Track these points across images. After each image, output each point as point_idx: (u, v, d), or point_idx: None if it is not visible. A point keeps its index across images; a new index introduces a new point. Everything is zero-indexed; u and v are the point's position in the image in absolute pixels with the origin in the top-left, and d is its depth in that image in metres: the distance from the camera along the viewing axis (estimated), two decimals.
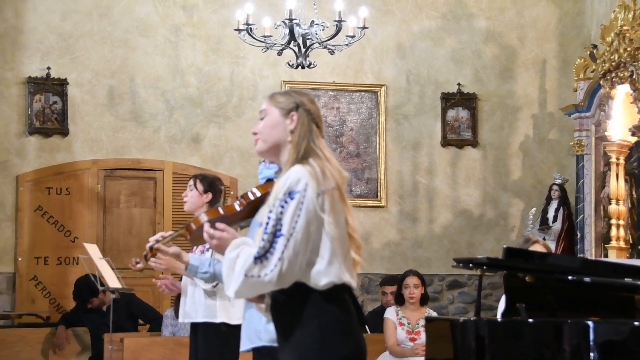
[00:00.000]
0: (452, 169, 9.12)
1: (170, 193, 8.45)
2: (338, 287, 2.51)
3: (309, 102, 2.70)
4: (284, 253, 2.45)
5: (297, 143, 2.61)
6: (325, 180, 2.54)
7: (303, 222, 2.48)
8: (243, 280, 2.46)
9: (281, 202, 2.49)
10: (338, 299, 2.51)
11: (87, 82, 8.46)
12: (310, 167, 2.54)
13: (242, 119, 8.68)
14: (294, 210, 2.48)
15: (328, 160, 2.60)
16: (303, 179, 2.51)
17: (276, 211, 2.48)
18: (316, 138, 2.63)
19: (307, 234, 2.48)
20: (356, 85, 8.96)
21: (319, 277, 2.50)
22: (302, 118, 2.65)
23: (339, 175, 2.60)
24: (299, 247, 2.47)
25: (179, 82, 8.65)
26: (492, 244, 8.98)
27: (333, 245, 2.52)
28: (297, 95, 2.71)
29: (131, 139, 8.52)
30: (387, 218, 8.96)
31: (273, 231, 2.47)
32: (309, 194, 2.49)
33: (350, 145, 8.92)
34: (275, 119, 2.67)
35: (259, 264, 2.45)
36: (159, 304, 8.16)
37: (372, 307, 8.22)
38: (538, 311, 3.81)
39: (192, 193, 4.67)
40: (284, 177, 2.55)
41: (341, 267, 2.52)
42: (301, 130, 2.63)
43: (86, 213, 8.29)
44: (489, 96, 9.21)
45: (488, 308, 8.75)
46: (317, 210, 2.49)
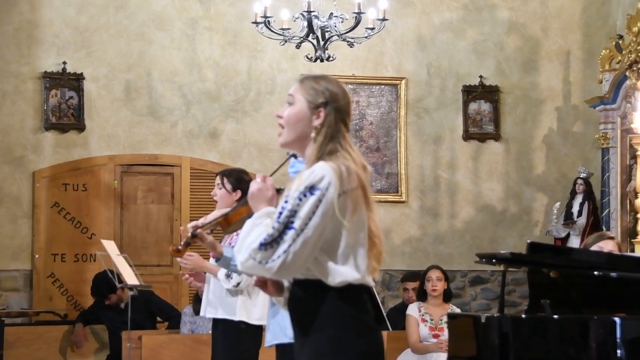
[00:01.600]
0: (474, 163, 9.09)
1: (188, 189, 8.47)
2: (355, 287, 2.51)
3: (341, 97, 2.62)
4: (291, 247, 2.44)
5: (321, 143, 2.56)
6: (349, 179, 2.50)
7: (317, 220, 2.45)
8: (246, 257, 2.48)
9: (300, 194, 2.46)
10: (355, 298, 2.51)
11: (104, 76, 8.50)
12: (336, 164, 2.50)
13: (260, 113, 8.70)
14: (311, 206, 2.45)
15: (353, 158, 2.56)
16: (327, 176, 2.47)
17: (293, 202, 2.46)
18: (342, 137, 2.58)
19: (319, 233, 2.46)
20: (376, 79, 8.94)
21: (335, 275, 2.50)
22: (330, 117, 2.58)
23: (363, 172, 2.57)
24: (307, 245, 2.45)
25: (196, 76, 8.67)
26: (515, 239, 8.95)
27: (350, 246, 2.51)
28: (329, 86, 2.62)
29: (148, 134, 8.56)
30: (408, 213, 8.95)
31: (285, 222, 2.45)
32: (330, 193, 2.46)
33: (370, 139, 8.92)
34: (302, 111, 2.61)
35: (263, 251, 2.45)
36: (177, 301, 8.20)
37: (393, 303, 8.22)
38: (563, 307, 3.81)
39: (221, 192, 4.66)
40: (308, 171, 2.51)
41: (359, 268, 2.51)
42: (327, 131, 2.57)
43: (103, 209, 8.33)
44: (511, 89, 9.17)
45: (511, 304, 8.73)
46: (336, 212, 2.47)
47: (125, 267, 6.46)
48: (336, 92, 2.61)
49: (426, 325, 6.36)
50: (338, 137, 2.58)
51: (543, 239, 8.61)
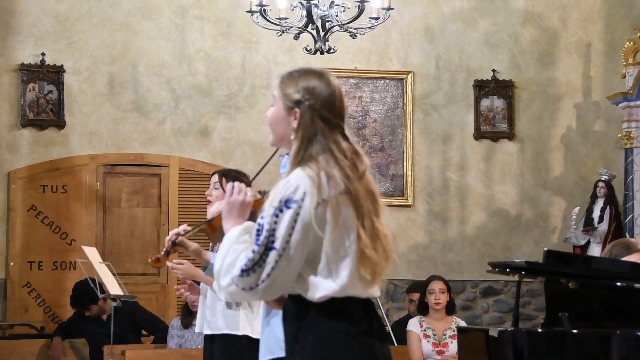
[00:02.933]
0: (486, 164, 9.09)
1: (177, 191, 8.47)
2: (340, 300, 2.52)
3: (321, 91, 2.59)
4: (275, 270, 2.47)
5: (297, 148, 2.56)
6: (330, 186, 2.49)
7: (298, 237, 2.47)
8: (228, 283, 2.51)
9: (276, 210, 2.48)
10: (340, 312, 2.52)
11: (85, 69, 8.49)
12: (313, 171, 2.50)
13: (254, 109, 8.70)
14: (288, 222, 2.46)
15: (337, 159, 2.53)
16: (302, 186, 2.48)
17: (270, 220, 2.48)
18: (325, 137, 2.56)
19: (302, 249, 2.48)
20: (380, 72, 8.94)
21: (314, 290, 2.51)
22: (305, 117, 2.56)
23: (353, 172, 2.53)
24: (292, 264, 2.48)
25: (185, 69, 8.67)
26: (531, 247, 8.95)
27: (333, 258, 2.51)
28: (305, 81, 2.60)
29: (133, 132, 8.56)
30: (415, 218, 8.95)
31: (265, 243, 2.47)
32: (306, 204, 2.47)
33: (373, 138, 8.91)
34: (279, 111, 2.62)
35: (246, 277, 2.48)
36: (164, 313, 8.19)
37: (398, 316, 8.22)
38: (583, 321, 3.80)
39: (217, 192, 4.64)
40: (283, 181, 2.52)
41: (342, 281, 2.51)
42: (303, 134, 2.56)
43: (84, 213, 8.32)
44: (527, 84, 9.17)
45: (527, 318, 8.73)
46: (313, 225, 2.47)
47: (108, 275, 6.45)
48: (313, 87, 2.59)
49: (429, 341, 6.35)
50: (318, 138, 2.56)
51: (561, 246, 8.60)
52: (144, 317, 7.42)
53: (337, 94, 2.62)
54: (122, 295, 6.42)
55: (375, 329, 2.57)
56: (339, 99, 2.62)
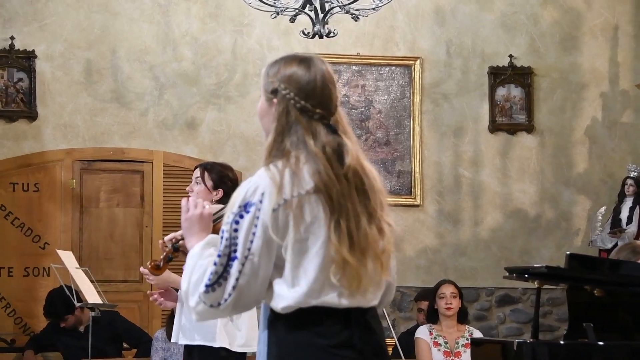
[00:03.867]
0: (502, 160, 9.10)
1: (161, 189, 8.47)
2: (307, 310, 2.52)
3: (298, 78, 2.58)
4: (239, 280, 2.48)
5: (272, 141, 2.57)
6: (294, 184, 2.48)
7: (260, 242, 2.48)
8: (196, 302, 2.53)
9: (236, 216, 2.49)
10: (307, 323, 2.52)
11: (59, 55, 8.49)
12: (277, 169, 2.50)
13: (246, 99, 8.70)
14: (248, 227, 2.48)
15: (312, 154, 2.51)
16: (260, 187, 2.49)
17: (230, 228, 2.49)
18: (304, 130, 2.53)
19: (267, 255, 2.49)
20: (385, 59, 8.95)
21: (278, 299, 2.53)
22: (280, 107, 2.58)
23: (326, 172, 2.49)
24: (257, 272, 2.49)
25: (170, 55, 8.67)
26: (552, 250, 8.96)
27: (297, 265, 2.50)
28: (283, 67, 2.61)
29: (113, 125, 8.56)
30: (423, 219, 8.95)
31: (227, 252, 2.49)
32: (265, 206, 2.47)
33: (378, 131, 8.92)
34: (263, 105, 2.65)
35: (211, 292, 2.50)
36: (147, 324, 8.19)
37: (406, 327, 8.22)
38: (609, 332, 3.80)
39: (199, 188, 4.66)
40: (244, 183, 2.54)
41: (304, 288, 2.50)
42: (277, 125, 2.56)
43: (59, 214, 8.33)
44: (547, 71, 9.17)
45: (547, 329, 8.74)
46: (269, 228, 2.47)
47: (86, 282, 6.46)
48: (290, 74, 2.59)
49: (440, 350, 6.36)
50: (293, 131, 2.55)
51: (585, 250, 8.61)
52: (125, 328, 7.43)
53: (319, 80, 2.59)
54: (101, 304, 6.43)
55: (356, 341, 2.54)
56: (320, 85, 2.59)
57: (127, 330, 7.45)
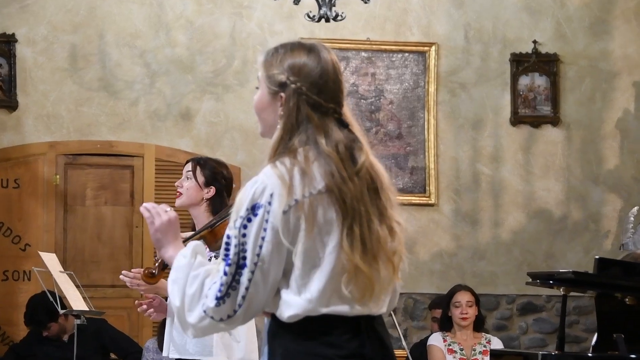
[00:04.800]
0: (524, 155, 9.10)
1: (153, 186, 8.48)
2: (315, 319, 2.55)
3: (309, 69, 2.61)
4: (249, 289, 2.51)
5: (279, 138, 2.59)
6: (304, 184, 2.51)
7: (270, 246, 2.50)
8: (200, 317, 2.55)
9: (244, 220, 2.51)
10: (314, 332, 2.55)
11: (42, 39, 8.51)
12: (284, 167, 2.53)
13: (246, 88, 8.70)
14: (257, 231, 2.50)
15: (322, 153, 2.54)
16: (269, 187, 2.51)
17: (237, 233, 2.51)
18: (313, 126, 2.56)
19: (277, 260, 2.52)
20: (398, 44, 8.95)
21: (285, 308, 2.56)
22: (290, 102, 2.59)
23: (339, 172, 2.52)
24: (267, 278, 2.52)
25: (163, 39, 8.68)
26: (579, 254, 8.97)
27: (307, 270, 2.54)
28: (290, 57, 2.63)
29: (100, 115, 8.57)
30: (439, 220, 8.96)
31: (236, 260, 2.51)
32: (274, 208, 2.50)
33: (389, 123, 8.92)
34: (264, 98, 2.65)
35: (222, 305, 2.52)
36: (137, 333, 8.21)
37: (419, 337, 8.24)
38: None
39: (189, 184, 4.67)
40: (250, 183, 2.56)
41: (313, 295, 2.54)
42: (287, 121, 2.59)
43: (41, 212, 8.34)
44: (575, 58, 9.17)
45: (574, 340, 8.74)
46: (279, 231, 2.50)
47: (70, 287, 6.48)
48: (300, 66, 2.62)
49: (455, 357, 6.39)
50: (304, 127, 2.58)
51: (616, 254, 8.61)
52: (113, 337, 7.44)
53: (331, 71, 2.63)
54: (88, 311, 6.45)
55: (366, 351, 2.58)
56: (332, 77, 2.63)
57: (115, 339, 7.46)
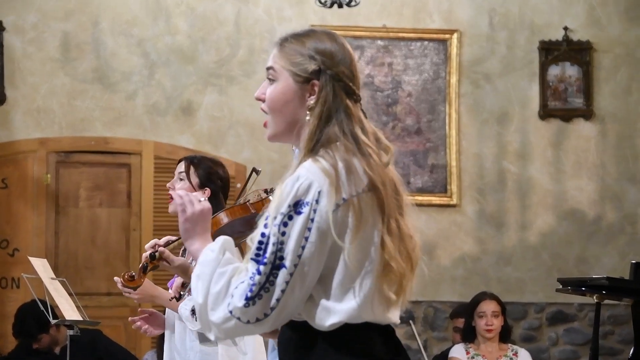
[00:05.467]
0: (554, 152, 9.08)
1: (151, 186, 8.50)
2: (354, 327, 2.54)
3: (340, 55, 2.63)
4: (286, 293, 2.49)
5: (314, 130, 2.59)
6: (351, 181, 2.52)
7: (313, 248, 2.49)
8: (225, 317, 2.52)
9: (284, 217, 2.50)
10: (355, 342, 2.54)
11: (32, 27, 8.51)
12: (328, 163, 2.53)
13: (252, 79, 8.70)
14: (300, 231, 2.49)
15: (360, 146, 2.56)
16: (316, 183, 2.50)
17: (276, 231, 2.50)
18: (346, 116, 2.60)
19: (317, 264, 2.51)
20: (417, 32, 8.94)
21: (326, 315, 2.54)
22: (327, 89, 2.60)
23: (379, 163, 2.56)
24: (304, 282, 2.51)
25: (162, 27, 8.68)
26: (615, 259, 8.94)
27: (353, 275, 2.53)
28: (319, 43, 2.64)
29: (95, 110, 8.58)
30: (461, 222, 8.94)
31: (272, 260, 2.49)
32: (322, 206, 2.49)
33: (407, 117, 8.91)
34: (288, 87, 2.63)
35: (252, 306, 2.49)
36: (134, 344, 8.23)
37: (440, 349, 8.22)
38: None
39: (182, 185, 4.65)
40: (291, 179, 2.54)
41: (362, 303, 2.54)
42: (321, 110, 2.60)
43: (31, 215, 8.36)
44: (610, 45, 9.14)
45: (608, 352, 8.72)
46: (332, 232, 2.49)
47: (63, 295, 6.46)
48: (331, 51, 2.64)
49: None
50: (339, 117, 2.60)
51: None
52: (109, 349, 7.44)
53: (354, 57, 2.68)
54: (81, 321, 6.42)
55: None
56: (355, 64, 2.67)
57: (111, 352, 7.45)
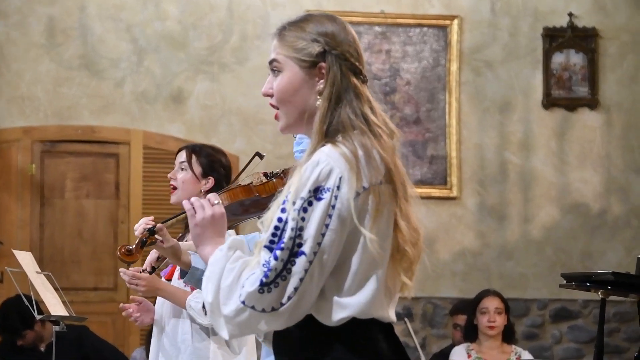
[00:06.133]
0: (558, 142, 9.09)
1: (140, 176, 8.49)
2: (360, 322, 2.54)
3: (343, 35, 2.66)
4: (304, 280, 2.47)
5: (325, 112, 2.60)
6: (370, 169, 2.53)
7: (333, 236, 2.49)
8: (238, 308, 2.50)
9: (304, 202, 2.49)
10: (357, 338, 2.54)
11: (15, 11, 8.51)
12: (347, 148, 2.53)
13: (244, 67, 8.70)
14: (321, 217, 2.48)
15: (372, 127, 2.58)
16: (336, 169, 2.51)
17: (295, 216, 2.49)
18: (356, 96, 2.62)
19: (336, 253, 2.51)
20: (415, 18, 8.94)
21: (335, 309, 2.54)
22: (334, 69, 2.62)
23: (390, 149, 2.58)
24: (323, 271, 2.50)
25: (151, 12, 8.67)
26: (620, 253, 8.95)
27: (367, 267, 2.54)
28: (320, 26, 2.66)
29: (81, 97, 8.57)
30: (461, 215, 8.95)
31: (290, 246, 2.48)
32: (343, 193, 2.50)
33: (406, 106, 8.91)
34: (295, 77, 2.65)
35: (267, 293, 2.47)
36: (122, 341, 8.23)
37: (439, 347, 8.24)
38: None
39: (184, 175, 4.65)
40: (309, 164, 2.53)
41: (372, 297, 2.54)
42: (332, 90, 2.61)
43: (15, 206, 8.36)
44: (616, 32, 9.15)
45: (614, 350, 8.73)
46: (354, 219, 2.50)
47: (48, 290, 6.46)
48: (333, 31, 2.66)
49: None
50: (349, 97, 2.62)
51: None
52: (95, 346, 7.43)
53: (357, 39, 2.70)
54: (67, 317, 6.43)
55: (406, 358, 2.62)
56: (360, 47, 2.69)
57: (98, 349, 7.45)
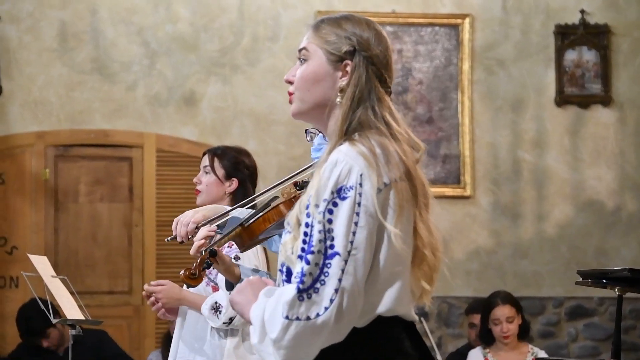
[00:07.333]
0: (572, 140, 9.08)
1: (153, 180, 8.49)
2: (385, 320, 2.57)
3: (376, 42, 2.70)
4: (343, 281, 2.46)
5: (347, 111, 2.64)
6: (389, 166, 2.56)
7: (365, 232, 2.50)
8: (283, 325, 2.47)
9: (328, 204, 2.50)
10: (382, 336, 2.56)
11: (28, 15, 8.52)
12: (365, 146, 2.56)
13: (256, 68, 8.70)
14: (348, 215, 2.49)
15: (393, 132, 2.62)
16: (355, 167, 2.53)
17: (321, 218, 2.49)
18: (378, 100, 2.66)
19: (370, 249, 2.51)
20: (427, 17, 8.94)
21: (363, 309, 2.55)
22: (359, 71, 2.67)
23: (411, 153, 2.62)
24: (361, 270, 2.49)
25: (163, 15, 8.68)
26: (635, 250, 8.94)
27: (392, 263, 2.56)
28: (356, 28, 2.71)
29: (94, 101, 8.59)
30: (475, 214, 8.96)
31: (320, 248, 2.48)
32: (366, 189, 2.51)
33: (418, 106, 8.92)
34: (321, 67, 2.70)
35: (306, 300, 2.46)
36: (138, 344, 8.25)
37: (455, 346, 8.25)
38: None
39: (208, 179, 4.70)
40: (327, 164, 2.55)
41: (398, 293, 2.57)
42: (353, 91, 2.65)
43: (29, 211, 8.37)
44: (629, 29, 9.13)
45: (630, 347, 8.72)
46: (378, 215, 2.52)
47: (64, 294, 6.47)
48: (367, 37, 2.70)
49: None
50: (371, 100, 2.65)
51: None
52: (113, 350, 7.42)
53: (391, 51, 2.75)
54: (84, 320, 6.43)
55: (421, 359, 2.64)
56: (391, 58, 2.74)
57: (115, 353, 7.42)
